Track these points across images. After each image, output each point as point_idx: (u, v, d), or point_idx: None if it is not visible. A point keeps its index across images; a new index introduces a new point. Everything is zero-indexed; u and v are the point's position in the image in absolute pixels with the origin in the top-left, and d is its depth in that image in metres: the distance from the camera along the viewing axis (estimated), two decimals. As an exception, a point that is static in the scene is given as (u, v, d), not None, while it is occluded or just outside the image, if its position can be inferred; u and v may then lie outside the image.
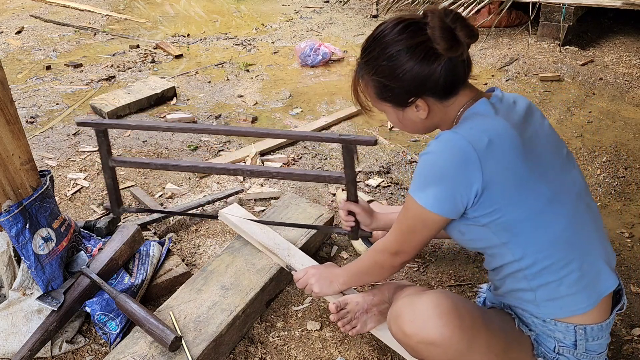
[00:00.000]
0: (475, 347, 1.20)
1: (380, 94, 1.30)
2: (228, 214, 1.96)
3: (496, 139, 1.18)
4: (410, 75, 1.21)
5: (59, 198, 2.38)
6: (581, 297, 1.22)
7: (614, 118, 3.05)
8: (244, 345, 1.67)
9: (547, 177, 1.22)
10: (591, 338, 1.25)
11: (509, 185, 1.18)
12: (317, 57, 3.82)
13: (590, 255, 1.24)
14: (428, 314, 1.19)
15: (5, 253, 1.65)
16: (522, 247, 1.22)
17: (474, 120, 1.23)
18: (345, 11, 5.21)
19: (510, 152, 1.18)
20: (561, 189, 1.23)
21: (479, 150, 1.16)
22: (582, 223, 1.25)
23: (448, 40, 1.17)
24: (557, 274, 1.21)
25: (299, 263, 1.75)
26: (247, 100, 3.37)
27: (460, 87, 1.26)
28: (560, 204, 1.22)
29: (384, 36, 1.24)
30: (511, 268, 1.26)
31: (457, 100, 1.27)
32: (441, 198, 1.20)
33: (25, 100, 3.39)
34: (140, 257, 1.84)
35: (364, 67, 1.30)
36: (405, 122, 1.33)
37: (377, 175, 2.53)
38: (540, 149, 1.24)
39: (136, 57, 4.08)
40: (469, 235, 1.28)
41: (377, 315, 1.55)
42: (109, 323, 1.63)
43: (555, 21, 4.06)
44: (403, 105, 1.28)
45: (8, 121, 1.53)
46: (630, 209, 2.29)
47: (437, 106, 1.27)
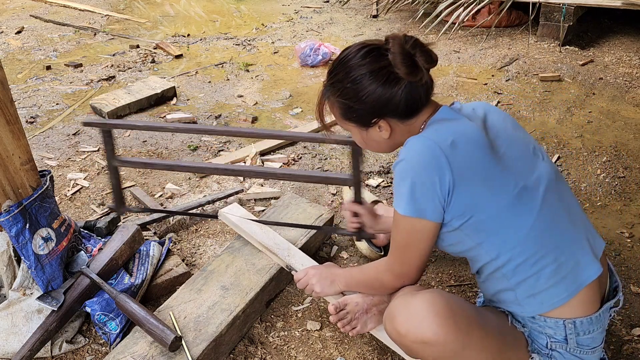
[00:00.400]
0: (470, 346, 1.21)
1: (345, 114, 1.35)
2: (228, 213, 1.96)
3: (460, 138, 1.24)
4: (373, 98, 1.27)
5: (59, 198, 2.38)
6: (560, 289, 1.24)
7: (614, 118, 3.05)
8: (244, 345, 1.67)
9: (512, 173, 1.25)
10: (582, 332, 1.26)
11: (476, 183, 1.22)
12: (317, 57, 3.82)
13: (566, 247, 1.26)
14: (422, 314, 1.20)
15: (5, 253, 1.65)
16: (496, 246, 1.25)
17: (437, 124, 1.29)
18: (345, 11, 5.21)
19: (476, 150, 1.24)
20: (527, 184, 1.25)
21: (445, 148, 1.22)
22: (555, 214, 1.26)
23: (408, 66, 1.23)
24: (533, 269, 1.23)
25: (299, 263, 1.75)
26: (247, 100, 3.37)
27: (421, 108, 1.31)
28: (529, 197, 1.24)
29: (348, 60, 1.30)
30: (489, 268, 1.28)
31: (418, 119, 1.32)
32: (419, 200, 1.23)
33: (25, 100, 3.39)
34: (140, 257, 1.84)
35: (329, 89, 1.35)
36: (369, 141, 1.39)
37: (377, 175, 2.53)
38: (504, 148, 1.28)
39: (136, 57, 4.08)
40: (447, 241, 1.31)
41: (377, 316, 1.55)
42: (109, 323, 1.63)
43: (555, 21, 4.06)
44: (366, 126, 1.34)
45: (8, 121, 1.53)
46: (630, 209, 2.29)
47: (399, 126, 1.33)
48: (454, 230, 1.26)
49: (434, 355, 1.21)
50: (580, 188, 2.43)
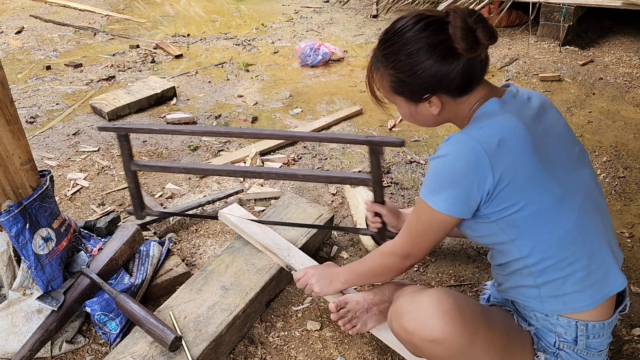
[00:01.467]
0: (477, 344, 1.20)
1: (396, 88, 1.29)
2: (228, 214, 1.96)
3: (506, 138, 1.18)
4: (429, 73, 1.22)
5: (59, 198, 2.38)
6: (586, 295, 1.23)
7: (614, 118, 3.05)
8: (244, 345, 1.67)
9: (556, 174, 1.22)
10: (592, 335, 1.25)
11: (519, 182, 1.18)
12: (317, 57, 3.82)
13: (599, 254, 1.24)
14: (430, 312, 1.19)
15: (5, 253, 1.65)
16: (530, 244, 1.22)
17: (483, 121, 1.23)
18: (345, 11, 5.21)
19: (521, 150, 1.19)
20: (570, 187, 1.23)
21: (489, 150, 1.17)
22: (591, 222, 1.25)
23: (469, 41, 1.18)
24: (563, 272, 1.22)
25: (299, 263, 1.75)
26: (247, 100, 3.37)
27: (475, 85, 1.27)
28: (569, 202, 1.22)
29: (405, 32, 1.24)
30: (518, 265, 1.26)
31: (470, 98, 1.27)
32: (454, 201, 1.21)
33: (25, 100, 3.39)
34: (140, 257, 1.84)
35: (381, 60, 1.29)
36: (417, 116, 1.34)
37: (377, 175, 2.53)
38: (552, 147, 1.24)
39: (136, 57, 4.08)
40: (479, 232, 1.28)
41: (377, 315, 1.55)
42: (109, 323, 1.63)
43: (555, 21, 4.06)
44: (417, 101, 1.29)
45: (8, 121, 1.53)
46: (630, 209, 2.29)
47: (450, 103, 1.28)
48: (489, 222, 1.24)
49: (441, 353, 1.21)
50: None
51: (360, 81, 3.61)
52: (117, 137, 1.77)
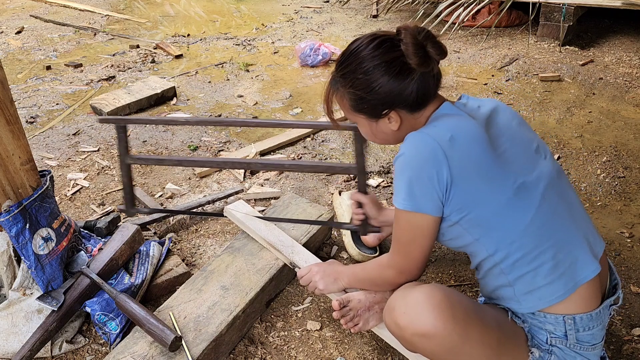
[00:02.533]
0: (469, 339, 1.21)
1: (356, 106, 1.35)
2: (233, 210, 1.97)
3: (459, 134, 1.24)
4: (386, 89, 1.28)
5: (59, 198, 2.38)
6: (557, 286, 1.24)
7: (614, 118, 3.05)
8: (244, 345, 1.67)
9: (511, 170, 1.26)
10: (582, 328, 1.26)
11: (474, 178, 1.23)
12: (317, 57, 3.82)
13: (565, 244, 1.26)
14: (421, 306, 1.21)
15: (5, 253, 1.65)
16: (494, 242, 1.26)
17: (438, 120, 1.30)
18: (345, 11, 5.21)
19: (474, 146, 1.24)
20: (527, 181, 1.26)
21: (443, 144, 1.23)
22: (553, 212, 1.27)
23: (420, 56, 1.25)
24: (531, 265, 1.24)
25: (303, 260, 1.75)
26: (247, 100, 3.37)
27: (430, 99, 1.33)
28: (527, 194, 1.25)
29: (360, 51, 1.31)
30: (488, 264, 1.29)
31: (426, 111, 1.33)
32: (417, 195, 1.25)
33: (25, 100, 3.39)
34: (140, 257, 1.84)
35: (340, 81, 1.35)
36: (378, 133, 1.39)
37: (377, 175, 2.53)
38: (506, 145, 1.29)
39: (136, 57, 4.08)
40: (447, 235, 1.32)
41: (379, 313, 1.56)
42: (109, 323, 1.63)
43: (555, 21, 4.06)
44: (377, 117, 1.34)
45: (8, 121, 1.53)
46: (630, 209, 2.29)
47: (407, 118, 1.33)
48: (453, 224, 1.28)
49: (433, 348, 1.22)
50: (580, 188, 2.43)
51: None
52: (116, 129, 1.79)
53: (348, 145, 2.81)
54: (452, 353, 1.22)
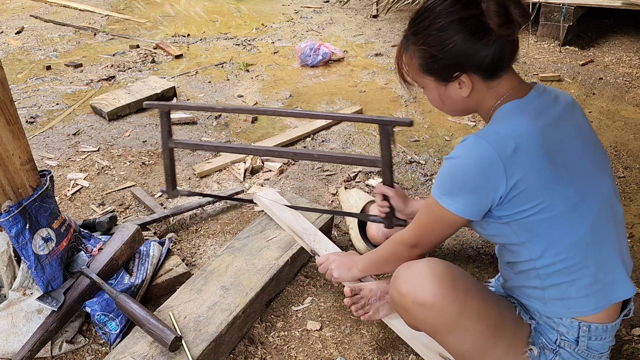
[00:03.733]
0: (468, 314, 1.22)
1: (426, 65, 1.26)
2: (263, 197, 2.05)
3: (522, 145, 1.16)
4: (459, 49, 1.18)
5: (59, 198, 2.38)
6: (589, 301, 1.22)
7: (614, 118, 3.05)
8: (244, 345, 1.67)
9: (575, 180, 1.20)
10: (594, 337, 1.25)
11: (533, 188, 1.17)
12: (317, 57, 3.82)
13: (608, 263, 1.23)
14: (422, 275, 1.23)
15: (5, 253, 1.65)
16: (541, 248, 1.22)
17: (501, 124, 1.21)
18: (345, 11, 5.21)
19: (536, 157, 1.16)
20: (588, 194, 1.21)
21: (504, 157, 1.15)
22: (604, 230, 1.24)
23: (502, 17, 1.15)
24: (570, 277, 1.22)
25: (323, 249, 1.81)
26: (247, 100, 3.37)
27: (505, 69, 1.23)
28: (585, 208, 1.20)
29: (435, 6, 1.22)
30: (526, 266, 1.26)
31: (500, 84, 1.24)
32: (465, 204, 1.22)
33: (25, 100, 3.39)
34: (140, 257, 1.84)
35: (411, 38, 1.27)
36: (446, 99, 1.30)
37: (377, 175, 2.53)
38: (573, 151, 1.22)
39: (136, 57, 4.08)
40: (490, 231, 1.28)
41: (389, 303, 1.57)
42: (109, 323, 1.63)
43: (555, 21, 4.06)
44: (447, 80, 1.25)
45: (8, 121, 1.53)
46: (630, 209, 2.29)
47: (480, 85, 1.24)
48: (501, 223, 1.23)
49: (431, 318, 1.23)
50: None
51: (360, 81, 3.62)
52: (160, 114, 1.88)
53: (348, 145, 2.81)
54: (449, 326, 1.23)
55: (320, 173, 2.56)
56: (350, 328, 1.72)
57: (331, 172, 2.56)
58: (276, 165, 2.61)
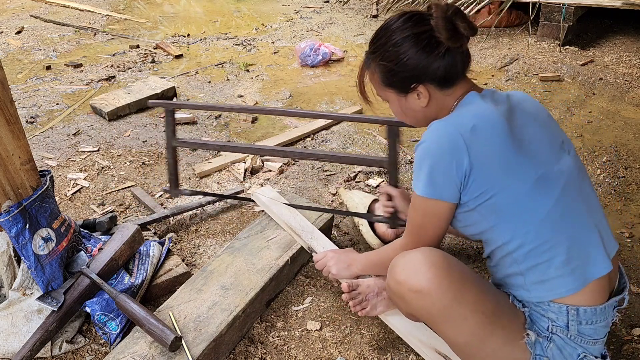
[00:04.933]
0: (463, 302, 1.25)
1: (386, 79, 1.37)
2: (260, 194, 2.06)
3: (481, 123, 1.26)
4: (414, 61, 1.30)
5: (59, 198, 2.38)
6: (568, 279, 1.25)
7: (614, 118, 3.05)
8: (244, 345, 1.67)
9: (534, 161, 1.27)
10: (584, 321, 1.26)
11: (494, 167, 1.24)
12: (317, 57, 3.82)
13: (580, 240, 1.27)
14: (419, 264, 1.28)
15: (5, 253, 1.65)
16: (510, 230, 1.27)
17: (461, 109, 1.32)
18: (345, 11, 5.22)
19: (496, 136, 1.25)
20: (549, 173, 1.27)
21: (464, 134, 1.24)
22: (572, 208, 1.28)
23: (449, 31, 1.27)
24: (544, 256, 1.25)
25: (321, 246, 1.81)
26: (247, 100, 3.37)
27: (458, 78, 1.35)
28: (547, 187, 1.26)
29: (390, 26, 1.35)
30: (501, 252, 1.31)
31: (455, 91, 1.35)
32: (436, 183, 1.27)
33: (25, 100, 3.39)
34: (140, 257, 1.84)
35: (371, 56, 1.39)
36: (407, 110, 1.41)
37: (377, 175, 2.53)
38: (530, 135, 1.30)
39: (136, 57, 4.08)
40: (463, 221, 1.34)
41: (386, 300, 1.60)
42: (109, 323, 1.63)
43: (555, 21, 4.06)
44: (406, 91, 1.36)
45: (8, 121, 1.53)
46: (630, 209, 2.29)
47: (437, 94, 1.35)
48: (469, 210, 1.29)
49: (428, 306, 1.26)
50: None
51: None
52: (165, 112, 1.89)
53: (348, 145, 2.81)
54: (445, 313, 1.26)
55: (320, 173, 2.56)
56: (350, 328, 1.72)
57: (331, 172, 2.56)
58: (276, 165, 2.61)
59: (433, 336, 1.52)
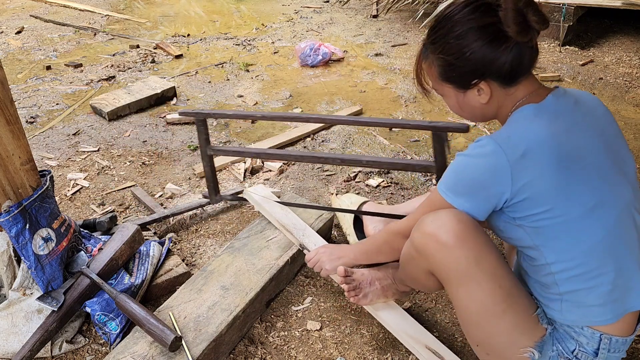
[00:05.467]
0: (483, 266, 1.22)
1: (445, 73, 1.27)
2: (253, 192, 2.07)
3: (531, 149, 1.16)
4: (478, 56, 1.20)
5: (59, 198, 2.38)
6: (606, 310, 1.21)
7: (614, 118, 3.04)
8: (244, 345, 1.67)
9: (592, 185, 1.18)
10: (613, 349, 1.23)
11: (542, 193, 1.16)
12: (317, 57, 3.82)
13: (627, 270, 1.21)
14: (449, 219, 1.24)
15: (5, 253, 1.65)
16: (556, 253, 1.21)
17: (514, 128, 1.21)
18: (345, 11, 5.21)
19: (546, 162, 1.16)
20: (606, 199, 1.19)
21: (512, 160, 1.16)
22: (624, 236, 1.21)
23: (519, 24, 1.15)
24: (588, 283, 1.20)
25: (312, 243, 1.81)
26: (247, 100, 3.37)
27: (524, 75, 1.23)
28: (603, 213, 1.18)
29: (453, 15, 1.23)
30: (543, 271, 1.25)
31: (518, 90, 1.25)
32: (468, 202, 1.23)
33: (25, 100, 3.39)
34: (140, 257, 1.84)
35: (429, 47, 1.29)
36: (465, 106, 1.31)
37: (377, 175, 2.53)
38: (593, 156, 1.20)
39: (136, 57, 4.08)
40: (507, 233, 1.28)
41: (378, 290, 1.60)
42: (109, 323, 1.63)
43: (555, 21, 4.06)
44: (465, 87, 1.26)
45: (8, 121, 1.53)
46: (630, 209, 2.29)
47: (498, 92, 1.25)
48: (515, 225, 1.23)
49: (449, 262, 1.24)
50: None
51: (360, 81, 3.62)
52: (196, 122, 1.89)
53: (348, 146, 2.81)
54: (463, 274, 1.24)
55: (320, 173, 2.56)
56: (350, 328, 1.72)
57: (331, 172, 2.56)
58: (276, 165, 2.61)
59: (423, 332, 1.54)
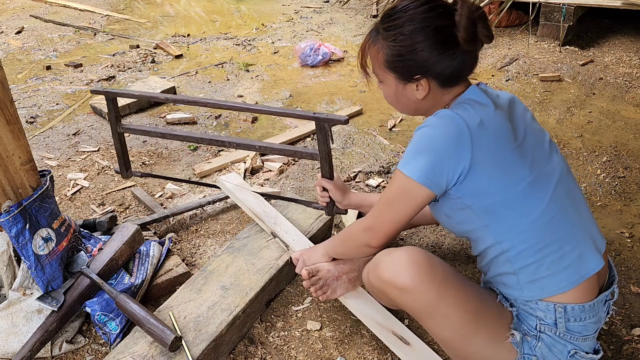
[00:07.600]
0: (446, 301, 1.26)
1: (392, 62, 1.32)
2: (225, 180, 2.11)
3: (487, 121, 1.24)
4: (426, 54, 1.26)
5: (59, 198, 2.38)
6: (560, 277, 1.26)
7: (614, 118, 3.05)
8: (244, 345, 1.67)
9: (528, 162, 1.26)
10: (572, 318, 1.27)
11: (494, 166, 1.23)
12: (317, 57, 3.82)
13: (571, 238, 1.27)
14: (403, 263, 1.28)
15: (5, 253, 1.65)
16: (503, 230, 1.27)
17: (467, 104, 1.28)
18: (345, 11, 5.22)
19: (500, 135, 1.24)
20: (541, 174, 1.27)
21: (472, 128, 1.22)
22: (562, 207, 1.28)
23: (470, 33, 1.23)
24: (536, 256, 1.25)
25: (284, 231, 1.86)
26: (247, 100, 3.37)
27: (462, 80, 1.33)
28: (541, 187, 1.26)
29: (411, 9, 1.28)
30: (494, 251, 1.30)
31: (453, 90, 1.33)
32: (427, 168, 1.24)
33: (25, 100, 3.39)
34: (140, 257, 1.84)
35: (382, 32, 1.33)
36: (401, 98, 1.37)
37: (377, 175, 2.53)
38: (523, 137, 1.29)
39: (136, 57, 4.09)
40: (455, 218, 1.33)
41: (346, 283, 1.65)
42: (109, 323, 1.63)
43: (555, 21, 4.06)
44: (407, 80, 1.32)
45: (8, 121, 1.53)
46: (630, 209, 2.29)
47: (435, 91, 1.33)
48: (464, 207, 1.28)
49: (411, 303, 1.29)
50: (580, 188, 2.43)
51: (360, 81, 3.62)
52: (106, 100, 1.97)
53: (348, 145, 2.81)
54: (428, 311, 1.28)
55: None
56: (350, 328, 1.72)
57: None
58: (276, 165, 2.61)
59: (390, 317, 1.57)
